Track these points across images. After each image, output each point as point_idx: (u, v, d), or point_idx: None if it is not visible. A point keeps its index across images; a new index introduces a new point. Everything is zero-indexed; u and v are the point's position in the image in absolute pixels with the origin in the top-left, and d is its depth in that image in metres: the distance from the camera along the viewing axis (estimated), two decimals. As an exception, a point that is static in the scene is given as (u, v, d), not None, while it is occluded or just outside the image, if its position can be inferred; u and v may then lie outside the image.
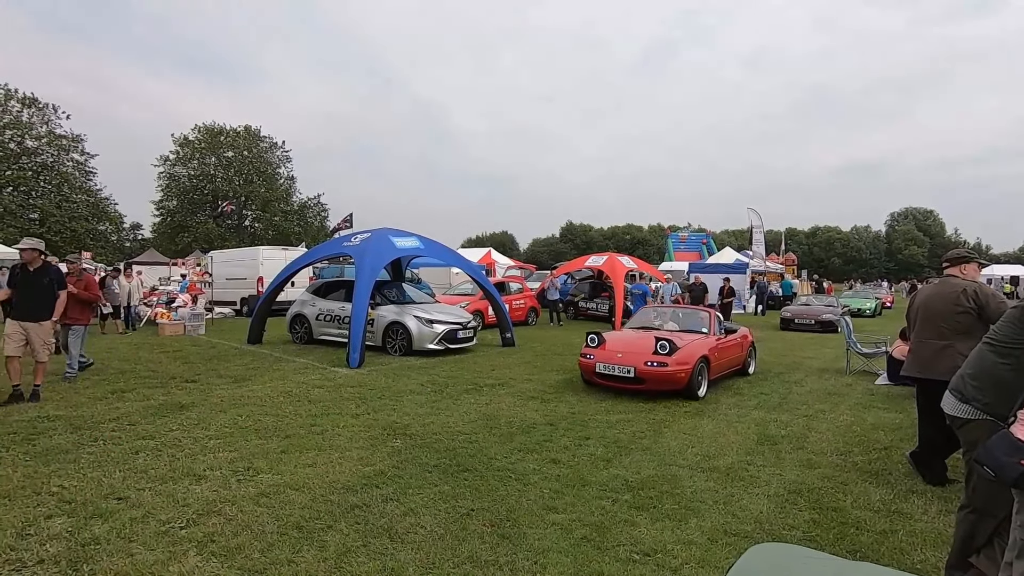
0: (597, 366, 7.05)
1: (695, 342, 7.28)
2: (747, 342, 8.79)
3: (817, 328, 16.12)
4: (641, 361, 6.80)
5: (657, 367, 6.68)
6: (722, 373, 7.79)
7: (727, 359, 7.91)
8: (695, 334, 7.78)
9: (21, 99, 35.51)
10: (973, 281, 4.19)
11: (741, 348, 8.48)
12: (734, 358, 8.21)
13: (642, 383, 6.76)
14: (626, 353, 7.04)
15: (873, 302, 23.34)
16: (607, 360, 7.02)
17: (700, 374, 6.97)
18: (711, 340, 7.59)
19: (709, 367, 7.17)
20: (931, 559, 3.12)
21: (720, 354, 7.59)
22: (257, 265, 18.12)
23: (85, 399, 6.44)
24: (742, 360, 8.54)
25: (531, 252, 79.72)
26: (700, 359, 6.93)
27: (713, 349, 7.39)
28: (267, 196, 48.10)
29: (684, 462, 4.68)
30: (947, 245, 63.50)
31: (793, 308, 18.25)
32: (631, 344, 7.33)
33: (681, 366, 6.72)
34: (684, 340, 7.21)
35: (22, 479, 3.96)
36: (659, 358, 6.76)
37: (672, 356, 6.75)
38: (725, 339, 7.97)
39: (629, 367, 6.80)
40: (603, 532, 3.38)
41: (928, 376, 4.13)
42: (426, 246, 11.55)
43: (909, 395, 7.03)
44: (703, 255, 30.85)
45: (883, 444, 5.27)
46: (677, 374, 6.66)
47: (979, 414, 2.56)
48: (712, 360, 7.25)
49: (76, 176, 37.97)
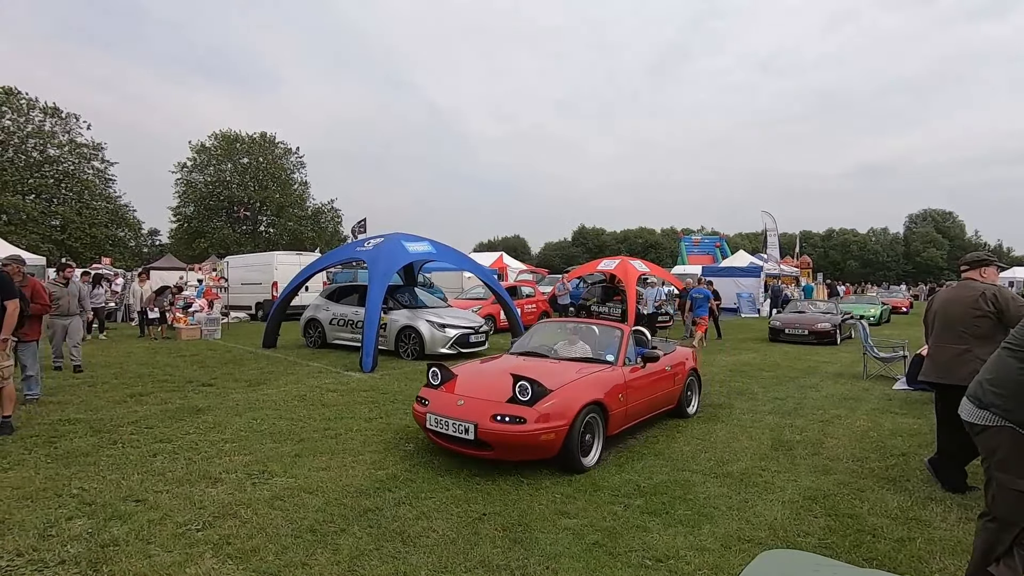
0: (428, 418, 4.62)
1: (581, 381, 4.80)
2: (683, 371, 6.31)
3: (812, 339, 13.87)
4: (487, 414, 4.35)
5: (509, 424, 4.24)
6: (639, 420, 5.52)
7: (646, 399, 5.49)
8: (594, 364, 5.31)
9: (43, 109, 36.38)
10: (992, 284, 4.12)
11: (672, 381, 6.02)
12: (659, 396, 5.75)
13: (488, 449, 4.32)
14: (471, 400, 4.60)
15: (878, 308, 20.75)
16: (442, 411, 4.56)
17: (589, 431, 4.62)
18: (615, 375, 5.14)
19: (608, 417, 4.78)
20: (950, 567, 3.07)
21: (633, 394, 5.20)
22: (272, 270, 18.35)
23: (104, 402, 6.56)
24: (675, 396, 6.11)
25: (543, 256, 79.59)
26: (586, 409, 4.51)
27: (619, 388, 5.02)
28: (281, 201, 48.68)
29: (697, 467, 4.65)
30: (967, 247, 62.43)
31: (784, 316, 15.25)
32: (484, 385, 4.89)
33: (546, 424, 4.25)
34: (564, 377, 4.82)
35: (44, 481, 4.05)
36: (513, 409, 4.33)
37: (535, 406, 4.30)
38: (642, 371, 5.49)
39: (467, 423, 4.32)
40: (615, 537, 3.37)
41: (947, 381, 4.06)
42: (438, 251, 11.61)
43: (928, 400, 6.92)
44: (716, 258, 30.61)
45: (901, 450, 5.19)
46: (539, 436, 4.21)
47: (998, 420, 2.51)
48: (614, 406, 4.87)
49: (96, 183, 38.78)
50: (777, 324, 14.64)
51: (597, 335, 5.99)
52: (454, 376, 5.08)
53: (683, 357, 6.53)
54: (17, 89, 35.22)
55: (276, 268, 18.23)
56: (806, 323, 14.27)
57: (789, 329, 14.29)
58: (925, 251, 71.90)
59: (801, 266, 29.07)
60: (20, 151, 35.23)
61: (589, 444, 4.66)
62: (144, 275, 14.74)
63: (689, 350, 6.86)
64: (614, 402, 4.90)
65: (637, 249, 68.60)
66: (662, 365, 5.89)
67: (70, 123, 37.57)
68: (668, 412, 6.19)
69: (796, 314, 15.37)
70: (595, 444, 4.73)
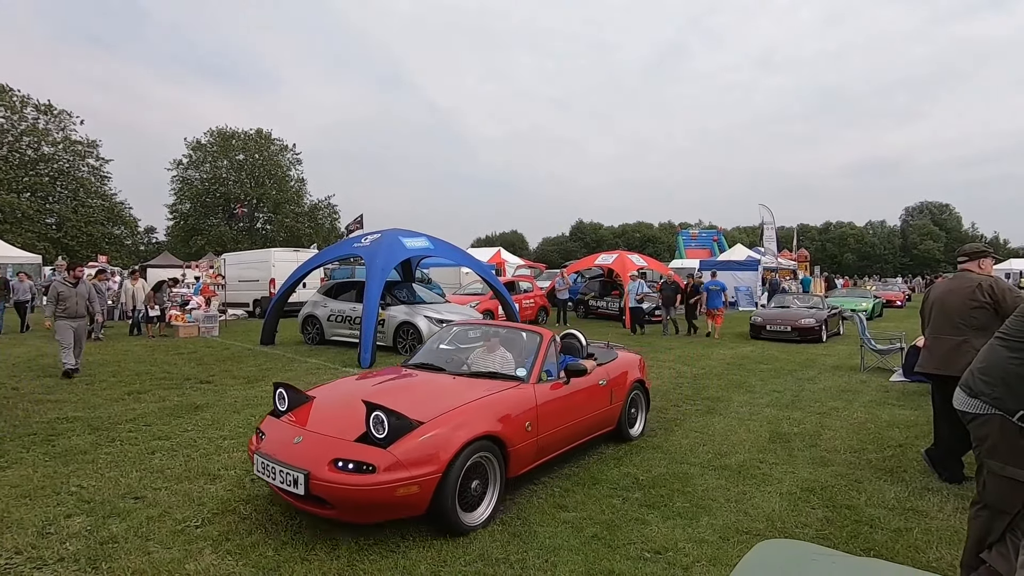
0: (256, 459, 3.44)
1: (469, 407, 3.58)
2: (624, 384, 5.16)
3: (795, 336, 12.84)
4: (325, 459, 3.15)
5: (352, 473, 3.06)
6: (562, 451, 4.33)
7: (569, 424, 4.31)
8: (499, 382, 4.07)
9: (37, 106, 36.20)
10: (989, 276, 4.13)
11: (608, 398, 4.87)
12: (589, 419, 4.58)
13: (324, 506, 3.14)
14: (313, 436, 3.40)
15: (870, 302, 19.61)
16: (274, 450, 3.39)
17: (478, 476, 3.46)
18: (524, 395, 3.96)
19: (508, 454, 3.62)
20: (947, 557, 3.09)
21: (549, 419, 4.04)
22: (269, 267, 18.31)
23: (102, 400, 6.55)
24: (612, 416, 4.97)
25: (541, 251, 79.53)
26: (471, 446, 3.34)
27: (527, 414, 3.86)
28: (278, 198, 48.55)
29: (695, 460, 4.67)
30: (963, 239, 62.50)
31: (766, 312, 14.30)
32: (341, 414, 3.62)
33: (405, 473, 3.07)
34: (445, 402, 3.60)
35: (42, 479, 4.04)
36: (361, 452, 3.16)
37: (392, 447, 3.14)
38: (565, 388, 4.33)
39: (297, 472, 3.12)
40: (614, 530, 3.38)
41: (944, 372, 4.08)
42: (436, 246, 11.59)
43: (924, 392, 6.94)
44: (714, 252, 30.66)
45: (898, 441, 5.22)
46: (394, 490, 3.04)
47: (988, 408, 2.52)
48: (518, 438, 3.70)
49: (92, 181, 38.64)
50: (758, 320, 13.64)
51: (510, 343, 4.72)
52: (309, 400, 3.90)
53: (625, 366, 5.37)
54: (9, 86, 35.04)
55: (273, 265, 18.18)
56: (789, 319, 13.24)
57: (771, 325, 13.26)
58: (922, 244, 72.03)
59: (799, 259, 29.09)
60: (14, 149, 35.07)
61: (478, 494, 3.44)
62: (137, 274, 14.52)
63: (635, 357, 5.75)
64: (517, 433, 3.71)
65: (635, 244, 68.60)
66: (594, 379, 4.71)
67: (64, 120, 37.39)
68: (607, 435, 5.05)
69: (779, 309, 14.38)
70: (489, 493, 3.53)
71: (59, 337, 7.83)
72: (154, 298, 13.25)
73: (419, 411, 3.43)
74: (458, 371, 4.49)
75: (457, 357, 4.87)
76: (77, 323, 7.99)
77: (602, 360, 5.15)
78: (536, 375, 4.23)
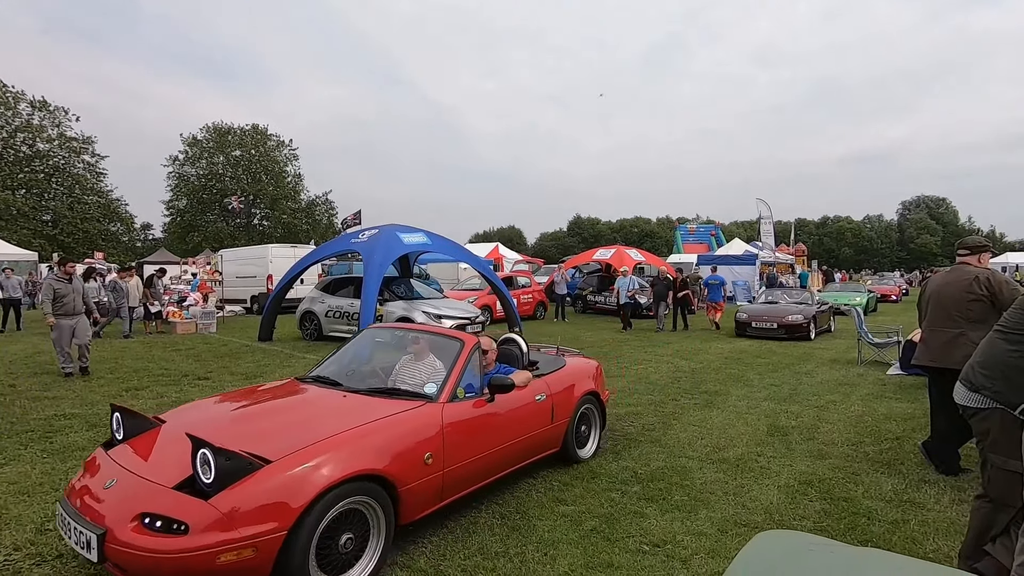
0: (57, 509, 2.74)
1: (339, 438, 2.80)
2: (571, 398, 4.40)
3: (782, 334, 12.14)
4: (130, 513, 2.41)
5: (158, 534, 2.32)
6: (482, 484, 3.56)
7: (491, 451, 3.53)
8: (400, 402, 3.31)
9: (31, 102, 35.94)
10: (986, 268, 4.15)
11: (548, 415, 4.10)
12: (521, 442, 3.81)
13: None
14: (130, 479, 2.64)
15: (864, 296, 18.82)
16: (74, 497, 2.70)
17: (351, 527, 2.71)
18: (427, 419, 3.19)
19: (398, 496, 2.87)
20: (943, 548, 3.10)
21: (460, 447, 3.29)
22: (266, 263, 18.29)
23: (100, 397, 6.54)
24: (556, 436, 4.21)
25: (539, 246, 79.48)
26: (336, 490, 2.59)
27: (428, 442, 3.09)
28: (275, 194, 48.39)
29: (693, 454, 4.68)
30: (960, 233, 62.65)
31: (751, 308, 13.56)
32: (169, 451, 2.82)
33: (231, 534, 2.31)
34: (311, 433, 2.82)
35: (40, 476, 4.04)
36: (175, 505, 2.42)
37: (216, 498, 2.41)
38: (487, 408, 3.57)
39: (90, 531, 2.38)
40: (612, 523, 3.39)
41: (940, 365, 4.09)
42: (433, 242, 11.59)
43: (921, 385, 6.96)
44: (712, 247, 30.67)
45: (895, 434, 5.24)
46: (214, 557, 2.27)
47: (990, 403, 2.53)
48: (412, 475, 2.95)
49: (87, 178, 38.46)
50: (743, 316, 12.91)
51: (425, 352, 3.88)
52: (156, 426, 3.12)
53: (573, 377, 4.56)
54: (2, 82, 34.79)
55: (271, 261, 18.17)
56: (776, 315, 12.51)
57: (756, 322, 12.59)
58: (919, 237, 72.19)
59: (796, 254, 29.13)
60: (9, 146, 34.88)
61: (350, 552, 2.68)
62: (132, 271, 14.12)
63: (589, 366, 4.95)
64: (412, 468, 2.94)
65: (633, 238, 68.55)
66: (528, 394, 3.94)
67: (58, 116, 37.16)
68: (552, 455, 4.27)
69: (766, 305, 13.66)
70: (369, 549, 2.77)
71: (55, 336, 7.60)
72: (150, 294, 13.19)
73: (272, 444, 2.69)
74: (355, 387, 3.62)
75: (363, 369, 4.09)
76: (75, 320, 7.74)
77: (545, 370, 4.43)
78: (449, 392, 3.44)
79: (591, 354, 5.80)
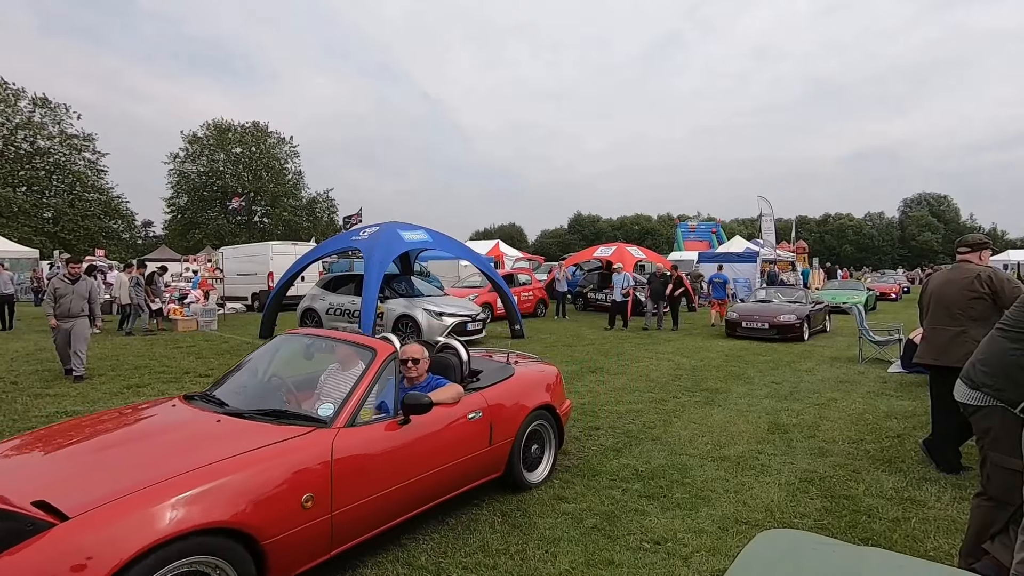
0: None
1: (183, 479, 2.19)
2: (517, 413, 3.82)
3: (774, 335, 11.57)
4: None
5: None
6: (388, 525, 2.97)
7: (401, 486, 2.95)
8: (286, 428, 2.71)
9: (32, 99, 35.94)
10: (987, 266, 4.14)
11: (486, 435, 3.54)
12: (445, 471, 3.23)
13: None
14: None
15: (862, 295, 18.19)
16: None
17: None
18: (311, 450, 2.60)
19: (263, 551, 2.28)
20: (944, 546, 3.11)
21: (359, 484, 2.73)
22: (267, 260, 18.30)
23: (102, 394, 6.55)
24: (495, 461, 3.65)
25: (539, 244, 79.46)
26: (154, 553, 1.94)
27: (312, 481, 2.52)
28: (276, 191, 48.42)
29: (694, 451, 4.68)
30: (962, 231, 62.54)
31: (742, 307, 12.98)
32: None
33: None
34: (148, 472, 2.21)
35: (42, 473, 4.04)
36: None
37: None
38: (401, 433, 2.99)
39: None
40: (613, 521, 3.39)
41: (941, 363, 4.09)
42: (434, 239, 11.56)
43: (922, 383, 6.96)
44: (713, 244, 30.61)
45: (896, 432, 5.24)
46: None
47: (991, 401, 2.53)
48: (285, 524, 2.38)
49: (88, 175, 38.44)
50: (734, 316, 12.34)
51: (333, 364, 3.35)
52: None
53: (520, 390, 3.94)
54: (3, 79, 34.78)
55: (272, 258, 18.17)
56: (767, 315, 11.96)
57: (747, 322, 12.03)
58: (920, 235, 72.06)
59: (797, 251, 29.09)
60: (9, 143, 34.90)
61: None
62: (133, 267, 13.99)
63: (544, 375, 4.30)
64: (284, 515, 2.40)
65: (633, 236, 68.56)
66: (457, 412, 3.36)
67: (59, 114, 37.14)
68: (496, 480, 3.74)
69: (758, 304, 13.06)
70: None
71: (53, 336, 7.48)
72: (152, 292, 13.19)
73: (82, 493, 2.08)
74: (237, 409, 2.99)
75: (259, 385, 3.45)
76: (70, 323, 7.29)
77: (486, 382, 3.82)
78: (348, 414, 2.85)
79: (591, 352, 5.79)
